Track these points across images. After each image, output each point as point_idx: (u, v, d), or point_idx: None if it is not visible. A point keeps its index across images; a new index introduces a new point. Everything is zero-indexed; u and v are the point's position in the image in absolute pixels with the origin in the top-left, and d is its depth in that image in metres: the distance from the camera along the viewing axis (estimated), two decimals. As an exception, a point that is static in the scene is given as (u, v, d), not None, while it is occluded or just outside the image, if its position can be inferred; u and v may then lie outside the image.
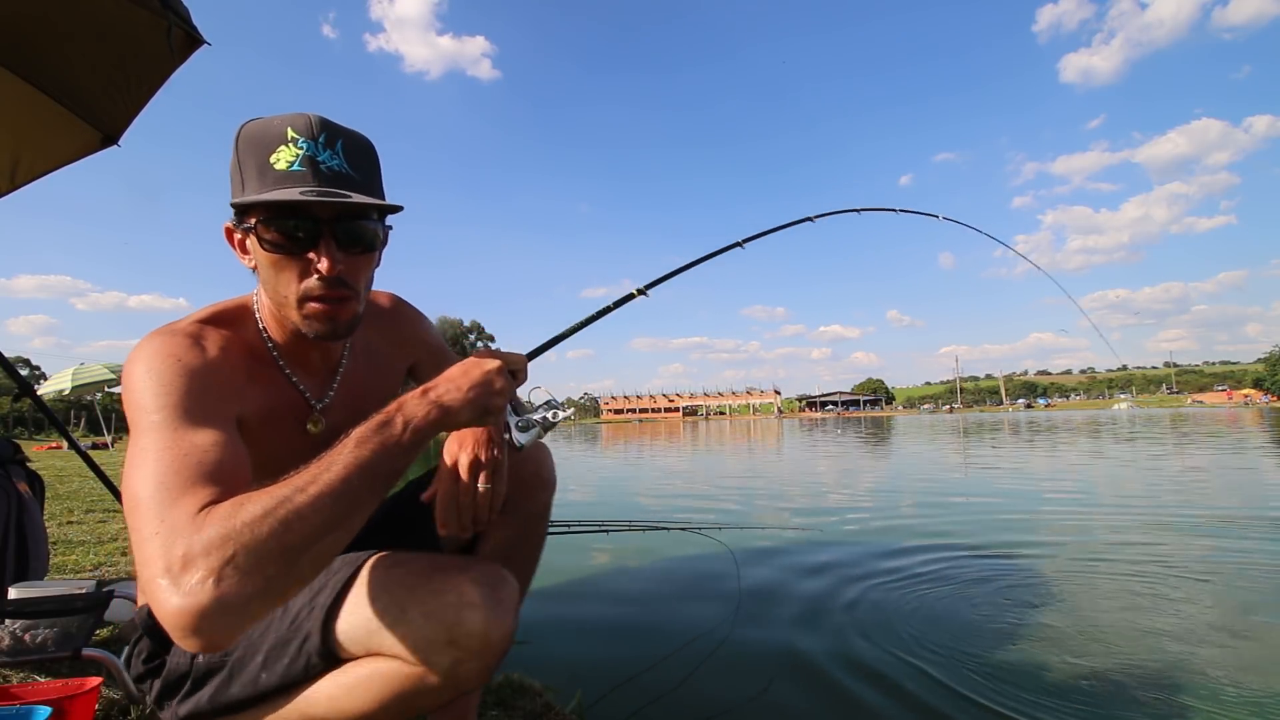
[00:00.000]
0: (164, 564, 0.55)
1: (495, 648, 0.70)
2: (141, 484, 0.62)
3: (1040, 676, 1.80)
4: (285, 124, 0.76)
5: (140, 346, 0.75)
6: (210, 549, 0.55)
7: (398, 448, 0.66)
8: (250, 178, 0.76)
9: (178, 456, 0.64)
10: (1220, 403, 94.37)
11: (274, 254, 0.77)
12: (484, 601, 0.70)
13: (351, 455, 0.63)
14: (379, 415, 0.68)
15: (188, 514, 0.58)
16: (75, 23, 1.63)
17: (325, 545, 0.60)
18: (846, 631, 2.21)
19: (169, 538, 0.57)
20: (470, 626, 0.69)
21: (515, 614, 0.73)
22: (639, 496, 6.32)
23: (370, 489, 0.64)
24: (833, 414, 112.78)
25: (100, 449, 15.60)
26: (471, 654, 0.69)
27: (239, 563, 0.55)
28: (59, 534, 3.44)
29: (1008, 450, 11.06)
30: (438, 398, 0.71)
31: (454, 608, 0.69)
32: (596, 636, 2.26)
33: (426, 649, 0.69)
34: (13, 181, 2.04)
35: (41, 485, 1.89)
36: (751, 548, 3.44)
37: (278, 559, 0.56)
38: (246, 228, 0.77)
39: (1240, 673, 1.78)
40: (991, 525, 4.07)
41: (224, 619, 0.54)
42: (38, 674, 1.46)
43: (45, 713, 1.01)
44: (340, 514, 0.61)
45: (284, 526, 0.57)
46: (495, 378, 0.75)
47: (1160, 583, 2.68)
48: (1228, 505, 4.60)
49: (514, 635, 0.73)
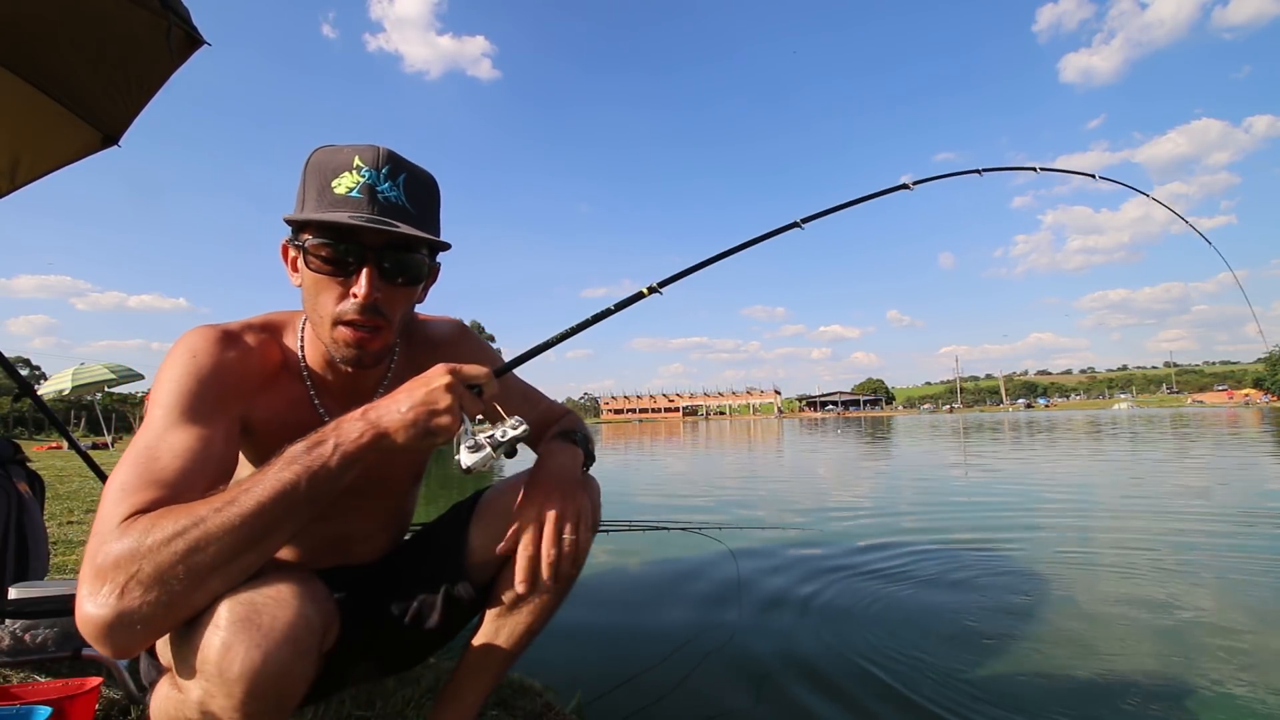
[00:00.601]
0: (86, 569, 0.59)
1: (241, 682, 0.59)
2: (113, 480, 0.66)
3: (1032, 676, 1.80)
4: (354, 153, 0.79)
5: (181, 338, 0.80)
6: (120, 563, 0.58)
7: (324, 470, 0.65)
8: (310, 199, 0.79)
9: (148, 459, 0.67)
10: (1221, 402, 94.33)
11: (319, 274, 0.78)
12: (230, 627, 0.60)
13: (274, 478, 0.63)
14: (315, 434, 0.67)
15: (115, 522, 0.61)
16: (75, 23, 1.63)
17: (236, 566, 0.62)
18: (847, 631, 2.21)
19: (95, 545, 0.60)
20: (208, 653, 0.60)
21: (286, 644, 0.62)
22: (639, 496, 6.31)
23: (289, 513, 0.64)
24: (833, 414, 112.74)
25: (100, 449, 15.60)
26: (214, 687, 0.61)
27: (143, 579, 0.58)
28: (59, 534, 3.44)
29: (1007, 450, 11.06)
30: (376, 418, 0.68)
31: (202, 628, 0.61)
32: (597, 636, 2.26)
33: (181, 671, 0.64)
34: (13, 181, 2.03)
35: (42, 485, 1.89)
36: (752, 548, 3.43)
37: (182, 578, 0.59)
38: (299, 245, 0.79)
39: (1197, 672, 1.78)
40: (992, 524, 4.08)
41: (125, 630, 0.58)
42: (38, 674, 1.46)
43: (45, 713, 1.01)
44: (252, 537, 0.62)
45: (192, 548, 0.59)
46: (440, 396, 0.69)
47: (1202, 595, 2.68)
48: (1226, 503, 4.60)
49: (281, 669, 0.61)
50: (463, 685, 1.03)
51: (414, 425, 0.68)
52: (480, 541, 0.97)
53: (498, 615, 1.01)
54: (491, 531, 0.96)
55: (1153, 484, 6.00)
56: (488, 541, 0.96)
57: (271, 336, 0.86)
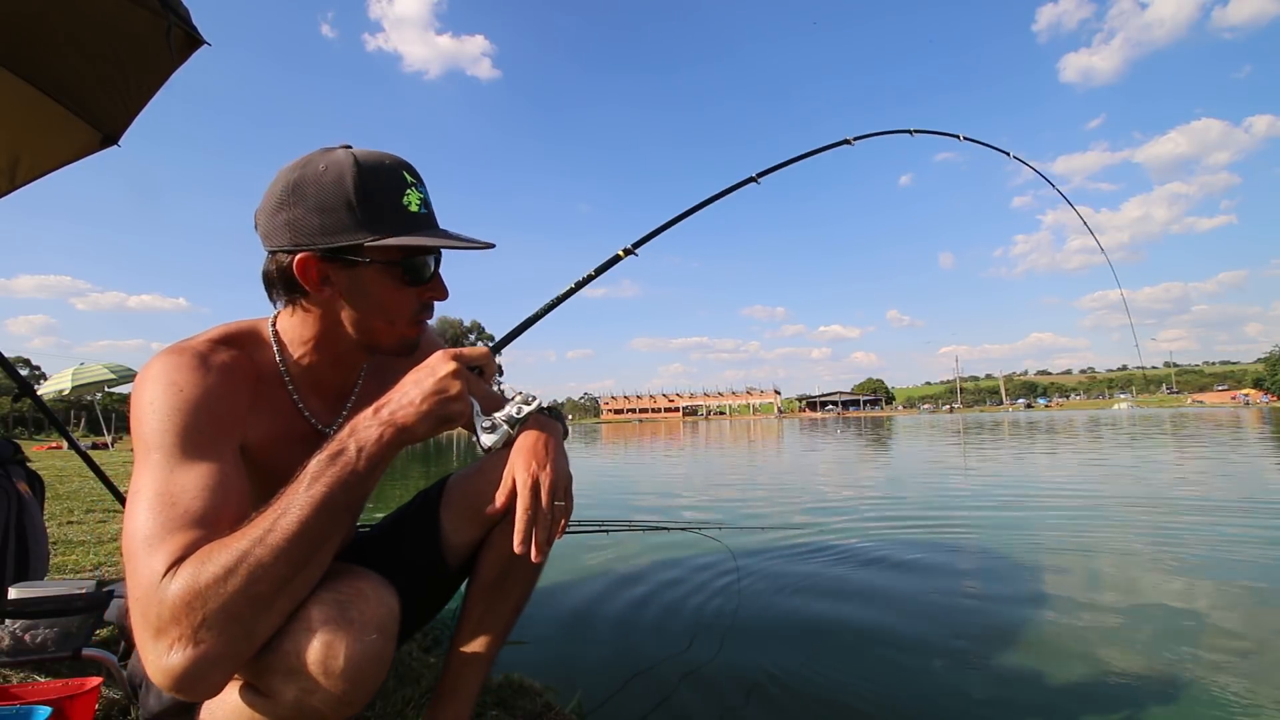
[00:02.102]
0: (144, 630, 0.59)
1: (342, 674, 0.63)
2: (133, 532, 0.64)
3: (1036, 676, 1.80)
4: (396, 166, 0.81)
5: (150, 367, 0.75)
6: (179, 615, 0.57)
7: (354, 478, 0.65)
8: (386, 218, 0.79)
9: (166, 504, 0.65)
10: (1222, 402, 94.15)
11: (400, 284, 0.82)
12: (325, 624, 0.64)
13: (306, 496, 0.63)
14: (331, 444, 0.67)
15: (156, 575, 0.60)
16: (75, 23, 1.63)
17: (297, 584, 0.62)
18: (846, 632, 2.21)
19: (144, 603, 0.59)
20: (308, 654, 0.63)
21: (377, 633, 0.66)
22: (639, 496, 6.32)
23: (331, 524, 0.64)
24: (833, 414, 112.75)
25: (100, 449, 15.60)
26: (316, 683, 0.63)
27: (210, 622, 0.57)
28: (59, 534, 3.44)
29: (1008, 450, 11.06)
30: (390, 416, 0.69)
31: (292, 634, 0.64)
32: (596, 636, 2.26)
33: (266, 677, 0.65)
34: (13, 181, 2.04)
35: (41, 485, 1.89)
36: (751, 548, 3.43)
37: (248, 609, 0.59)
38: (353, 260, 0.79)
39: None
40: (992, 524, 4.08)
41: (210, 673, 0.58)
42: (38, 674, 1.46)
43: (45, 713, 1.01)
44: (303, 556, 0.62)
45: (249, 581, 0.59)
46: (450, 383, 0.71)
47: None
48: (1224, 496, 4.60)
49: (377, 656, 0.66)
50: (457, 677, 1.04)
51: (430, 415, 0.70)
52: (452, 525, 1.02)
53: (484, 594, 1.04)
54: (464, 515, 1.01)
55: (1179, 486, 6.00)
56: (460, 525, 1.01)
57: (241, 349, 0.84)
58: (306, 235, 0.77)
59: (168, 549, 0.61)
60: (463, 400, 0.72)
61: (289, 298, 0.84)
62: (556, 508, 0.86)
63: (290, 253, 0.78)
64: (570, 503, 0.89)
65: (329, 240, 0.77)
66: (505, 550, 1.04)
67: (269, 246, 0.81)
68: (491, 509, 0.89)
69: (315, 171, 0.78)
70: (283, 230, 0.79)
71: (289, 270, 0.79)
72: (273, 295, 0.86)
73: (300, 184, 0.78)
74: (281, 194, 0.79)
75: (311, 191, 0.77)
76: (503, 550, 1.05)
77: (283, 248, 0.79)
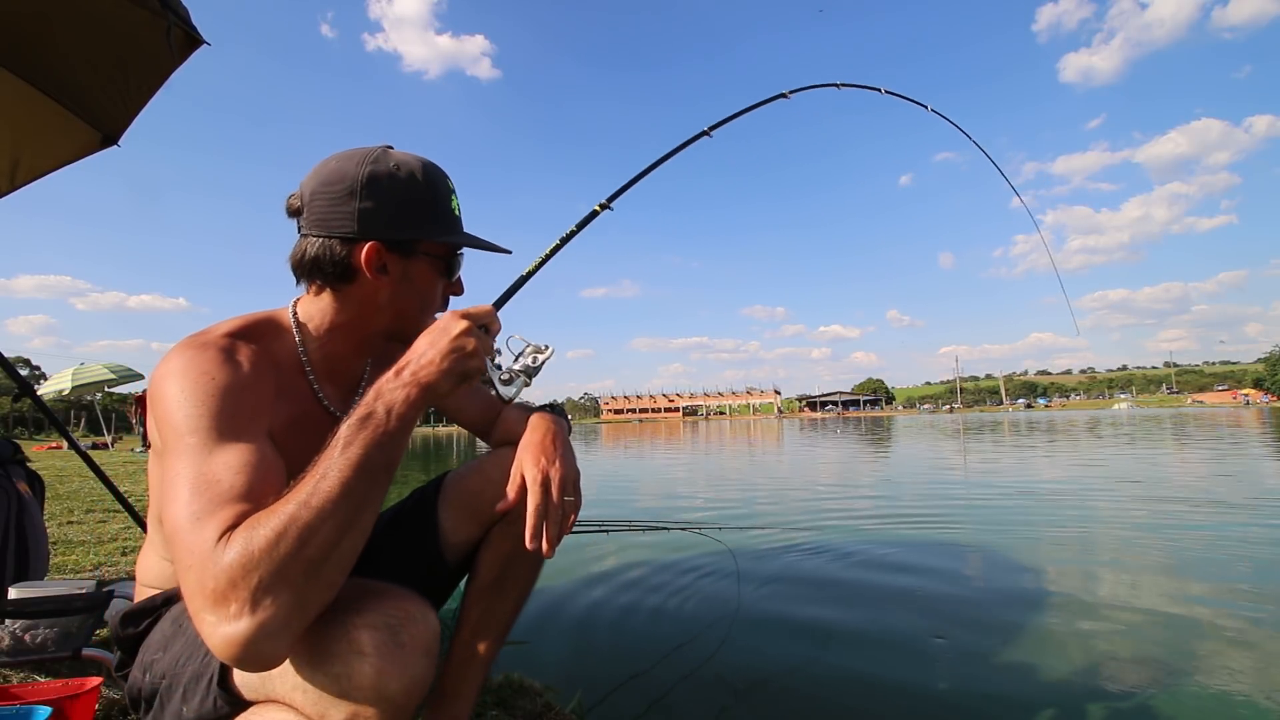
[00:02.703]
0: (201, 600, 0.58)
1: (393, 699, 0.64)
2: (177, 512, 0.63)
3: (1038, 674, 1.80)
4: (440, 173, 0.90)
5: (171, 359, 0.75)
6: (237, 579, 0.57)
7: (386, 438, 0.66)
8: (439, 219, 0.88)
9: (209, 482, 0.65)
10: (1223, 402, 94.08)
11: (438, 275, 0.90)
12: (377, 650, 0.64)
13: (343, 458, 0.63)
14: (359, 409, 0.67)
15: (210, 543, 0.59)
16: (75, 23, 1.63)
17: (344, 549, 0.62)
18: (846, 631, 2.21)
19: (199, 572, 0.59)
20: (360, 679, 0.63)
21: (424, 656, 0.67)
22: (639, 496, 6.32)
23: (371, 484, 0.64)
24: (833, 414, 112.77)
25: (100, 449, 15.61)
26: (367, 709, 0.64)
27: (267, 586, 0.57)
28: (59, 534, 3.44)
29: (1008, 451, 11.06)
30: (413, 376, 0.70)
31: (343, 658, 0.64)
32: (596, 637, 2.26)
33: (316, 702, 0.65)
34: (13, 181, 2.03)
35: (41, 485, 1.89)
36: (751, 548, 3.44)
37: (303, 574, 0.59)
38: (408, 252, 0.86)
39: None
40: (993, 523, 4.08)
41: (268, 641, 0.57)
42: (38, 674, 1.45)
43: (45, 713, 1.01)
44: (348, 518, 0.62)
45: (300, 544, 0.58)
46: (464, 340, 0.73)
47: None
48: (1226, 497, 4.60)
49: (424, 679, 0.67)
50: (457, 677, 1.04)
51: (451, 372, 0.72)
52: (452, 523, 1.03)
53: (483, 594, 1.04)
54: (464, 513, 1.02)
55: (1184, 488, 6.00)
56: (459, 523, 1.02)
57: (260, 340, 0.84)
58: (378, 226, 0.83)
59: (218, 521, 0.61)
60: (478, 356, 0.74)
61: (325, 282, 0.86)
62: (566, 503, 0.86)
63: (354, 240, 0.83)
64: (579, 498, 0.90)
65: (398, 232, 0.84)
66: (504, 550, 1.05)
67: (325, 231, 0.83)
68: (503, 504, 0.89)
69: (390, 168, 0.84)
70: (349, 218, 0.83)
71: (346, 256, 0.83)
72: (304, 278, 0.87)
73: (376, 177, 0.83)
74: (353, 184, 0.83)
75: (387, 186, 0.83)
76: (502, 550, 1.05)
77: (347, 234, 0.83)
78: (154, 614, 0.85)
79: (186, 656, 0.76)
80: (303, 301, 0.90)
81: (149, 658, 0.81)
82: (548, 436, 0.94)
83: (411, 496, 1.09)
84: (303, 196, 0.85)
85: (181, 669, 0.75)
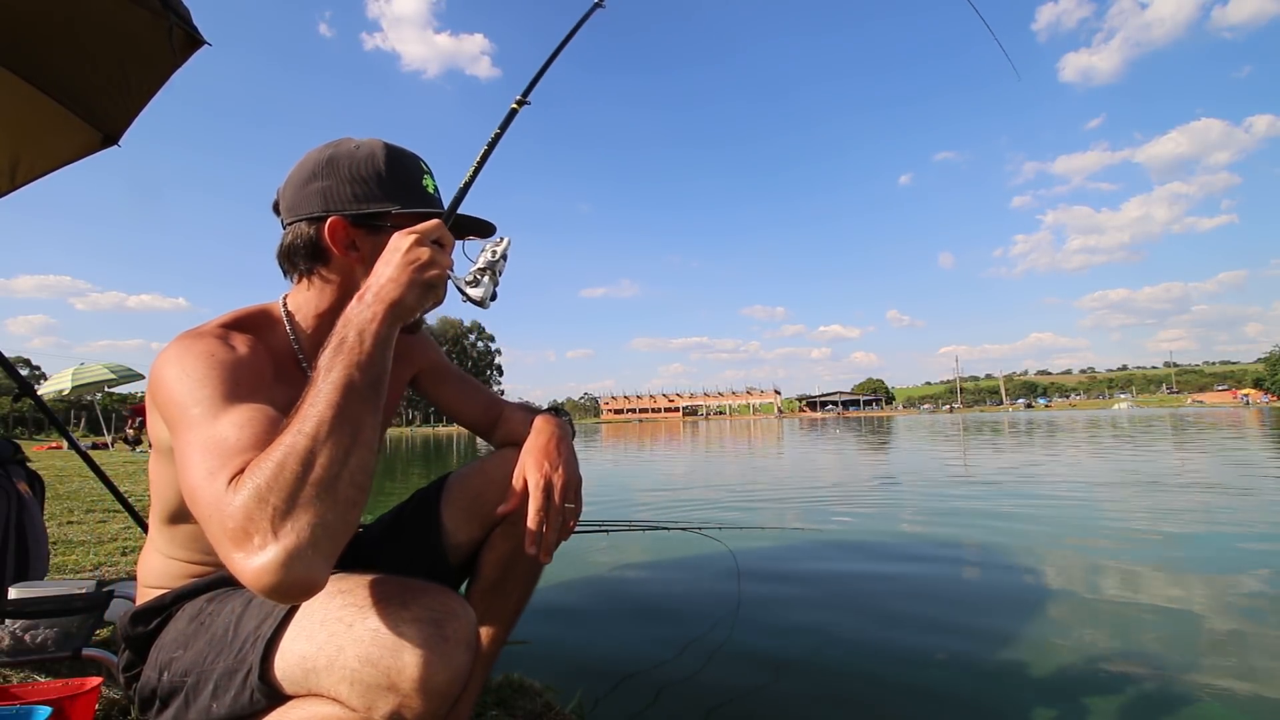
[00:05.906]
0: (228, 543, 0.58)
1: (440, 691, 0.66)
2: (193, 475, 0.64)
3: (1038, 672, 1.81)
4: (408, 154, 0.91)
5: (168, 350, 0.77)
6: (250, 514, 0.57)
7: (364, 358, 0.66)
8: (411, 193, 0.88)
9: (217, 441, 0.66)
10: (1223, 402, 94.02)
11: None
12: (424, 643, 0.66)
13: (326, 384, 0.64)
14: (332, 339, 0.68)
15: (222, 490, 0.60)
16: (75, 23, 1.63)
17: (353, 466, 0.63)
18: (847, 631, 2.21)
19: (219, 518, 0.59)
20: (409, 672, 0.64)
21: (467, 649, 0.69)
22: (639, 496, 6.32)
23: (361, 403, 0.65)
24: (833, 414, 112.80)
25: (100, 449, 15.60)
26: (414, 700, 0.65)
27: (283, 511, 0.58)
28: (59, 534, 3.44)
29: (1008, 451, 11.06)
30: (375, 296, 0.70)
31: (391, 651, 0.65)
32: (597, 636, 2.26)
33: (364, 695, 0.65)
34: (13, 181, 2.04)
35: (41, 485, 1.89)
36: (752, 548, 3.43)
37: (314, 496, 0.59)
38: (378, 226, 0.86)
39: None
40: (993, 523, 4.08)
41: (299, 564, 0.57)
42: (38, 674, 1.46)
43: (45, 713, 1.01)
44: (349, 436, 0.63)
45: (303, 468, 0.59)
46: (417, 251, 0.73)
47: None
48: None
49: (466, 671, 0.69)
50: None
51: (412, 284, 0.71)
52: (454, 524, 1.03)
53: (485, 595, 1.05)
54: (466, 514, 1.03)
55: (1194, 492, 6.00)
56: (461, 524, 1.03)
57: (254, 332, 0.86)
58: (339, 201, 0.85)
59: (228, 470, 0.62)
60: (436, 264, 0.73)
61: (307, 268, 0.88)
62: (566, 509, 0.86)
63: (319, 219, 0.85)
64: (580, 505, 0.90)
65: (360, 206, 0.85)
66: (506, 551, 1.05)
67: (294, 216, 0.86)
68: (504, 508, 0.90)
69: (349, 148, 0.87)
70: (314, 198, 0.85)
71: (314, 236, 0.85)
72: (289, 269, 0.90)
73: (335, 158, 0.86)
74: (315, 166, 0.86)
75: (346, 164, 0.86)
76: (503, 551, 1.05)
77: (312, 214, 0.85)
78: (164, 613, 0.85)
79: (216, 653, 0.76)
80: (292, 293, 0.92)
81: (165, 656, 0.81)
82: (551, 441, 0.94)
83: (414, 497, 1.10)
84: (280, 192, 0.88)
85: (210, 665, 0.75)
